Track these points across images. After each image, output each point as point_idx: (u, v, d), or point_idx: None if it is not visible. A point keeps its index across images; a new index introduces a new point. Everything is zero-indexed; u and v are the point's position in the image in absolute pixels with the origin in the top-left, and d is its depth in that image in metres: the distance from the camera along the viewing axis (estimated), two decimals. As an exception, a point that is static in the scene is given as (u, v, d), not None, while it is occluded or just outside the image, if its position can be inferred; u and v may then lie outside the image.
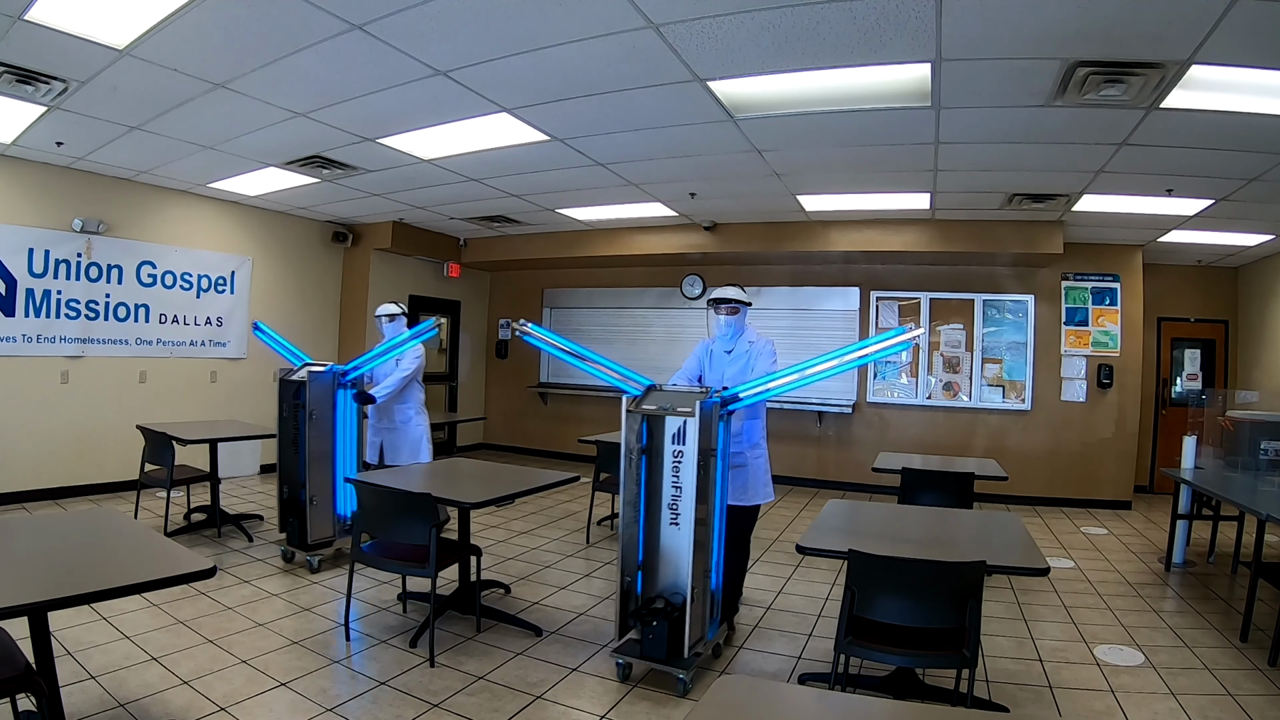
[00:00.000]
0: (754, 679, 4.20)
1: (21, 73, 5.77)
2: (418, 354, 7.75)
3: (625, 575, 4.86)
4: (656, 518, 4.82)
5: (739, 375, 5.63)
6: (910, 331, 4.45)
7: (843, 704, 2.42)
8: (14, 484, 8.46)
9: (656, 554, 4.84)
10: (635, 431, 4.83)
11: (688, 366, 6.08)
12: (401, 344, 7.18)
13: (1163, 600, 6.61)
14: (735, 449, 5.49)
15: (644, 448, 4.84)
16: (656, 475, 4.83)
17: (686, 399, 4.74)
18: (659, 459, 4.82)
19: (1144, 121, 5.88)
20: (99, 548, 3.72)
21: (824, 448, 12.17)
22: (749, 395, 5.00)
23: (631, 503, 4.84)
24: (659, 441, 4.82)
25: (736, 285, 5.91)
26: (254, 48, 5.29)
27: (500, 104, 6.24)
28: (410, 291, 13.40)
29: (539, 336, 5.65)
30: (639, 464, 4.83)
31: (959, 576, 3.63)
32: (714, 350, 6.02)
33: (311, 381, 6.92)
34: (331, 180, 9.18)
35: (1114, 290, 10.89)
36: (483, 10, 4.59)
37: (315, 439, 6.92)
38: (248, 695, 4.32)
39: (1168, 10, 4.17)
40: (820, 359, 4.77)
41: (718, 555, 4.92)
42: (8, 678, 3.02)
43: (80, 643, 4.87)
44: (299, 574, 6.64)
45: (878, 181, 8.33)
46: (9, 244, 8.45)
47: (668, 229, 11.64)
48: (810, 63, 5.16)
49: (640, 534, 4.85)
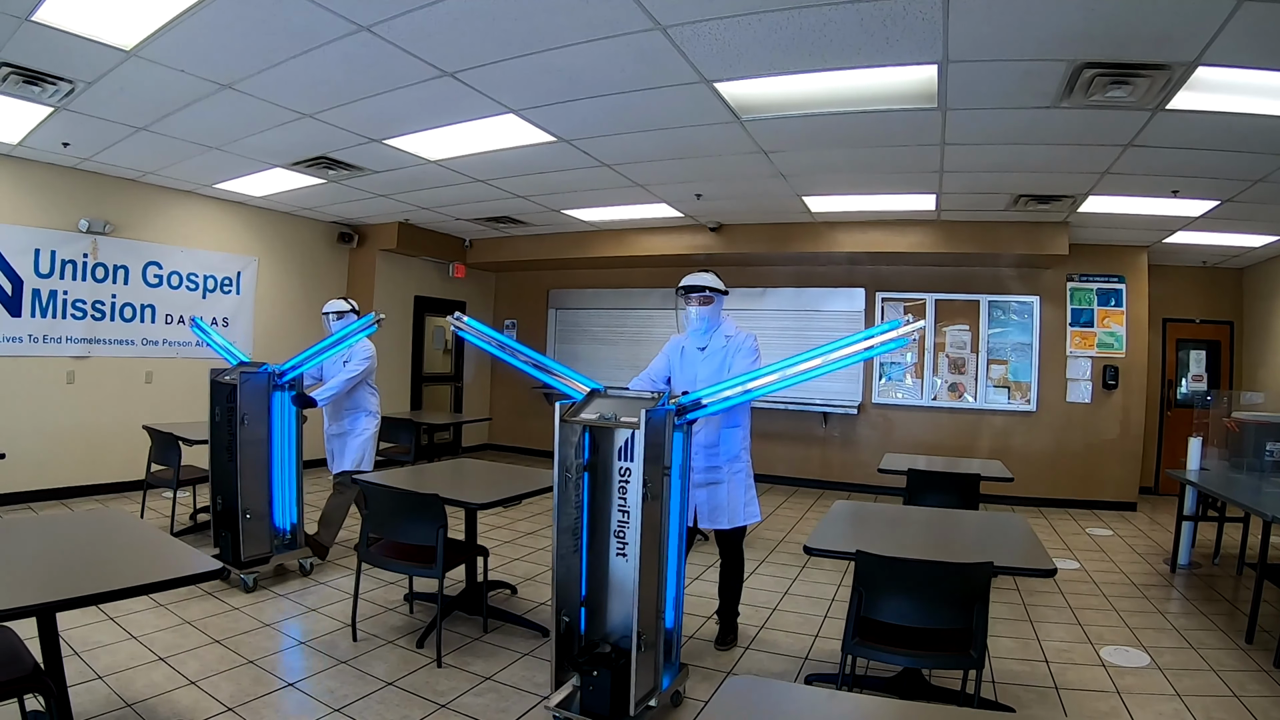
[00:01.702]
0: (764, 679, 4.19)
1: (28, 73, 5.78)
2: (367, 353, 7.10)
3: (562, 613, 4.20)
4: (603, 547, 4.25)
5: (713, 376, 4.93)
6: (908, 325, 3.76)
7: (853, 704, 2.42)
8: (20, 484, 8.48)
9: (604, 588, 4.28)
10: (574, 445, 4.21)
11: (654, 367, 5.46)
12: (336, 343, 6.61)
13: (1168, 602, 6.60)
14: (711, 462, 5.09)
15: (585, 464, 4.24)
16: (602, 497, 4.26)
17: (632, 406, 4.05)
18: (605, 478, 4.25)
19: (1150, 123, 5.88)
20: (107, 548, 3.72)
21: (829, 448, 12.17)
22: (715, 401, 4.26)
23: (569, 530, 4.21)
24: (605, 457, 4.25)
25: (711, 270, 5.33)
26: (261, 49, 5.30)
27: (507, 105, 6.25)
28: (416, 292, 13.46)
29: (473, 331, 4.97)
30: (579, 483, 4.23)
31: (966, 577, 3.63)
32: (685, 347, 5.37)
33: (244, 383, 6.34)
34: (338, 181, 9.20)
35: (1119, 291, 10.88)
36: (490, 12, 4.60)
37: (249, 446, 6.34)
38: (255, 695, 4.33)
39: (1174, 12, 4.17)
40: (805, 355, 4.07)
41: (675, 590, 4.22)
42: (16, 678, 3.02)
43: (87, 642, 4.88)
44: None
45: (883, 182, 8.33)
46: (15, 244, 8.47)
47: (673, 230, 11.65)
48: (817, 64, 5.16)
49: (583, 565, 4.27)
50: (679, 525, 4.22)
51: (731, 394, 4.23)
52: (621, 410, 4.09)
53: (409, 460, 9.54)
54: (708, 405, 4.26)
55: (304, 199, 10.47)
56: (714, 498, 5.12)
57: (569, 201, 10.10)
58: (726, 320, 5.33)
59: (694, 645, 5.39)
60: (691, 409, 4.22)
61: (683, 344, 5.39)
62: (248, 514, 6.23)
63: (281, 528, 6.55)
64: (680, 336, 5.44)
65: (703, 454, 5.06)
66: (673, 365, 5.39)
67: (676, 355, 5.40)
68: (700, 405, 4.24)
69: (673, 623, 4.24)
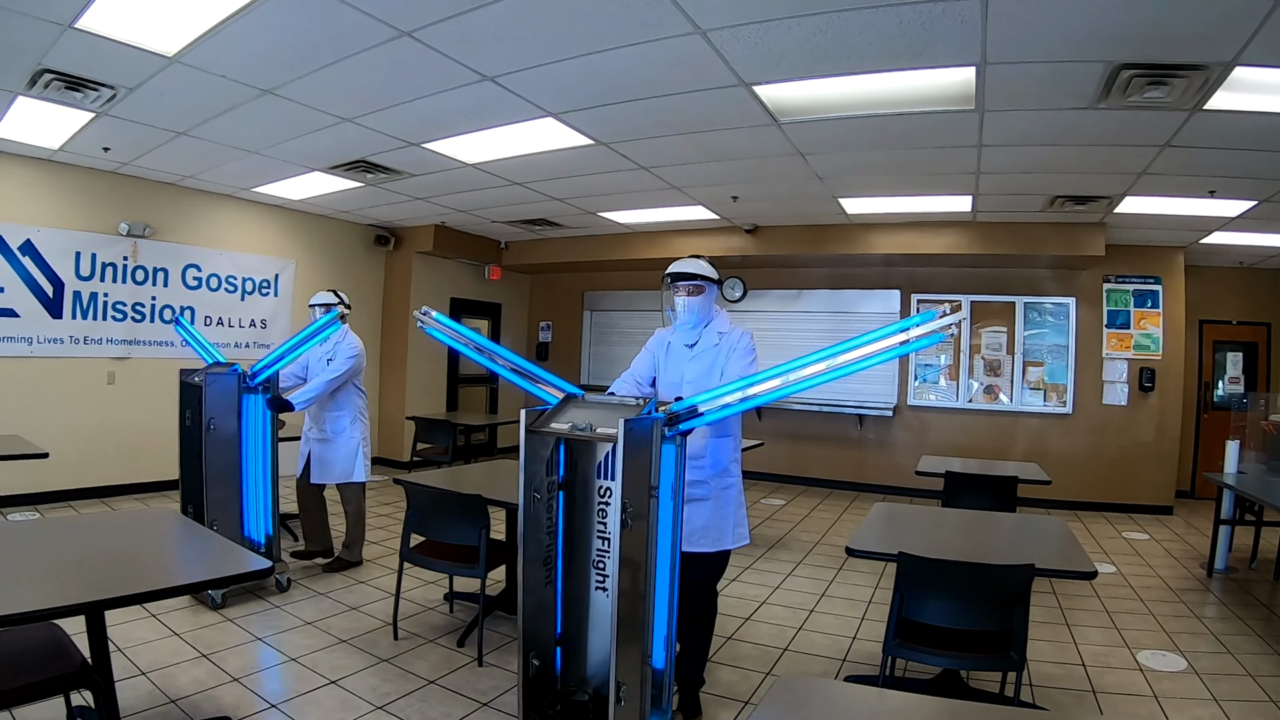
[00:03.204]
0: (815, 679, 4.21)
1: (70, 80, 5.86)
2: (352, 351, 6.67)
3: (531, 655, 3.66)
4: (582, 577, 3.79)
5: (702, 379, 4.27)
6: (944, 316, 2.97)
7: (903, 702, 2.44)
8: (61, 482, 8.59)
9: (583, 624, 3.81)
10: (546, 459, 3.70)
11: (636, 366, 4.69)
12: (304, 340, 6.10)
13: (1204, 606, 6.57)
14: (697, 476, 4.25)
15: (560, 482, 3.75)
16: (580, 520, 3.80)
17: (613, 415, 3.42)
18: (583, 498, 3.79)
19: (1187, 123, 5.85)
20: (155, 546, 3.79)
21: (864, 450, 12.15)
22: (713, 408, 3.47)
23: (539, 560, 3.67)
24: (584, 474, 3.79)
25: (700, 256, 4.51)
26: (303, 54, 5.36)
27: (546, 109, 6.28)
28: (452, 294, 13.52)
29: (441, 328, 4.22)
30: (553, 504, 3.75)
31: (1008, 579, 3.64)
32: (672, 344, 4.59)
33: (210, 385, 5.92)
34: (375, 184, 9.27)
35: (1156, 293, 10.80)
36: (531, 16, 4.64)
37: (217, 452, 5.93)
38: (298, 692, 4.38)
39: (1211, 12, 4.16)
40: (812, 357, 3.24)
41: (667, 628, 3.41)
42: (66, 674, 3.08)
43: (129, 639, 4.94)
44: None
45: (920, 184, 8.32)
46: (56, 247, 8.61)
47: (708, 232, 11.63)
48: (855, 67, 5.17)
49: (558, 598, 3.78)
50: (671, 553, 3.39)
51: (732, 400, 3.44)
52: (600, 419, 3.45)
53: (446, 461, 9.62)
54: (705, 414, 3.47)
55: (341, 202, 10.55)
56: (698, 516, 4.26)
57: (605, 204, 10.12)
58: (720, 315, 4.57)
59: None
60: (686, 417, 3.45)
61: (669, 340, 4.64)
62: (215, 524, 5.76)
63: (254, 539, 6.09)
64: (666, 331, 4.69)
65: (687, 466, 4.08)
66: (657, 364, 4.65)
67: (661, 352, 4.65)
68: (696, 413, 3.45)
69: (663, 663, 3.40)
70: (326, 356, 6.71)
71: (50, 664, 3.11)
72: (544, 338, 15.14)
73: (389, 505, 9.46)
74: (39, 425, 7.94)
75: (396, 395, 12.65)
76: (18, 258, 8.31)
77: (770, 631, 5.69)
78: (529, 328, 15.47)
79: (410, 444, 10.73)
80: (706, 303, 4.45)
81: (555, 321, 15.07)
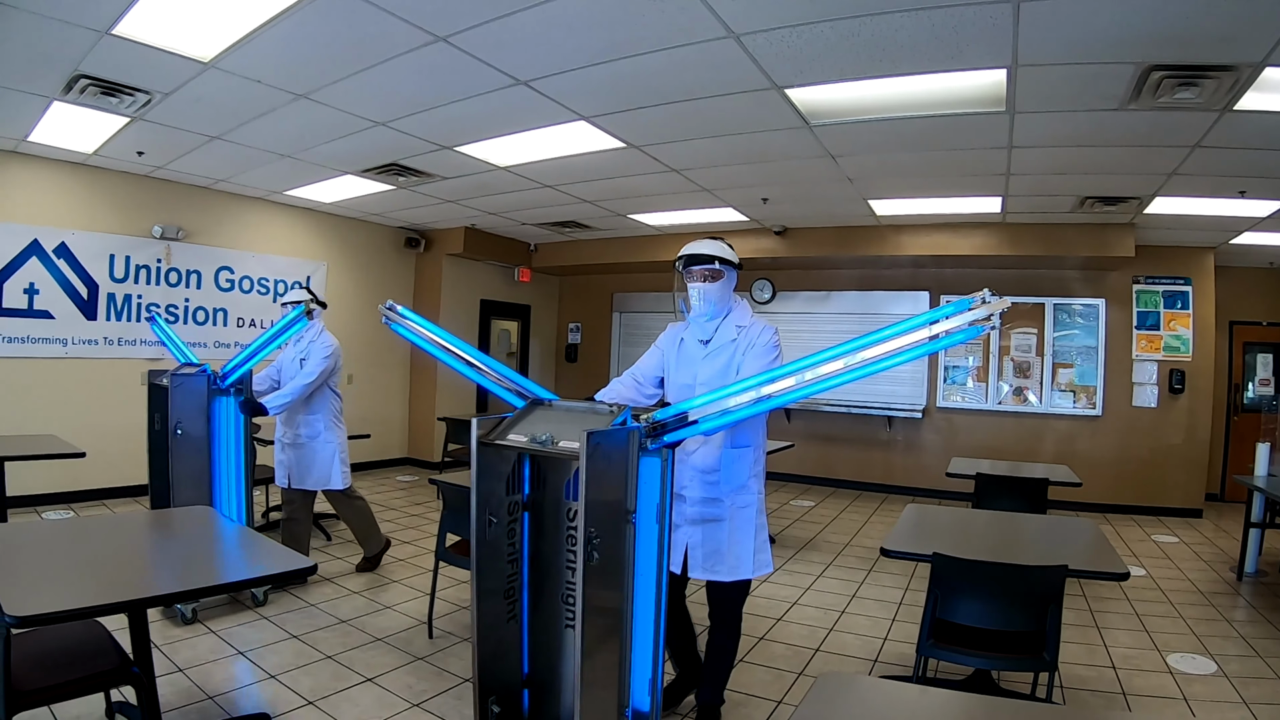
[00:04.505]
0: (858, 676, 4.22)
1: (106, 85, 5.94)
2: (327, 351, 6.34)
3: (489, 700, 3.20)
4: (553, 612, 3.32)
5: (718, 380, 3.66)
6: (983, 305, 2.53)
7: (942, 699, 2.46)
8: (94, 481, 8.71)
9: (555, 663, 3.36)
10: (504, 476, 3.21)
11: (641, 365, 4.15)
12: (270, 340, 5.84)
13: (1234, 609, 6.54)
14: (710, 493, 3.79)
15: (524, 502, 3.28)
16: (549, 547, 3.32)
17: (582, 424, 2.90)
18: (553, 521, 3.32)
19: (1217, 124, 5.83)
20: (193, 543, 3.82)
21: (892, 452, 12.14)
22: (710, 414, 2.95)
23: (498, 592, 3.20)
24: (553, 493, 3.31)
25: (719, 237, 4.05)
26: (338, 60, 5.42)
27: (579, 112, 6.32)
28: (482, 296, 13.60)
29: (406, 323, 3.78)
30: (516, 528, 3.27)
31: (1041, 580, 3.65)
32: (685, 340, 4.05)
33: (176, 387, 5.51)
34: (407, 187, 9.34)
35: (1185, 294, 10.72)
36: (566, 21, 4.67)
37: (184, 457, 5.52)
38: (334, 690, 4.43)
39: (1241, 13, 4.17)
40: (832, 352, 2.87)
41: (653, 670, 2.96)
42: (109, 669, 3.14)
43: (165, 636, 5.00)
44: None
45: (950, 185, 8.32)
46: (91, 250, 8.73)
47: (738, 233, 11.50)
48: (887, 70, 5.19)
49: (524, 636, 3.33)
50: (656, 586, 2.92)
51: (735, 404, 2.92)
52: (566, 430, 2.93)
53: (476, 460, 9.65)
54: (699, 421, 2.94)
55: (372, 204, 10.63)
56: (712, 539, 3.80)
57: (636, 206, 10.14)
58: (740, 305, 4.03)
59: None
60: (675, 426, 2.93)
61: (681, 335, 4.09)
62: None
63: (228, 550, 5.84)
64: (679, 325, 4.15)
65: (698, 481, 3.81)
66: (667, 363, 4.09)
67: (672, 350, 4.08)
68: (686, 421, 2.94)
69: (649, 706, 2.98)
70: (300, 357, 6.43)
71: (94, 660, 3.18)
72: (573, 339, 15.19)
73: (420, 505, 9.54)
74: (74, 425, 8.06)
75: (427, 396, 12.70)
76: (53, 260, 8.44)
77: (802, 632, 5.71)
78: (558, 329, 15.52)
79: (441, 444, 10.79)
80: (724, 290, 3.93)
81: (585, 323, 15.11)
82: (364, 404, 11.68)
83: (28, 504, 8.08)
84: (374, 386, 12.09)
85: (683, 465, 3.75)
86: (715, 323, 3.93)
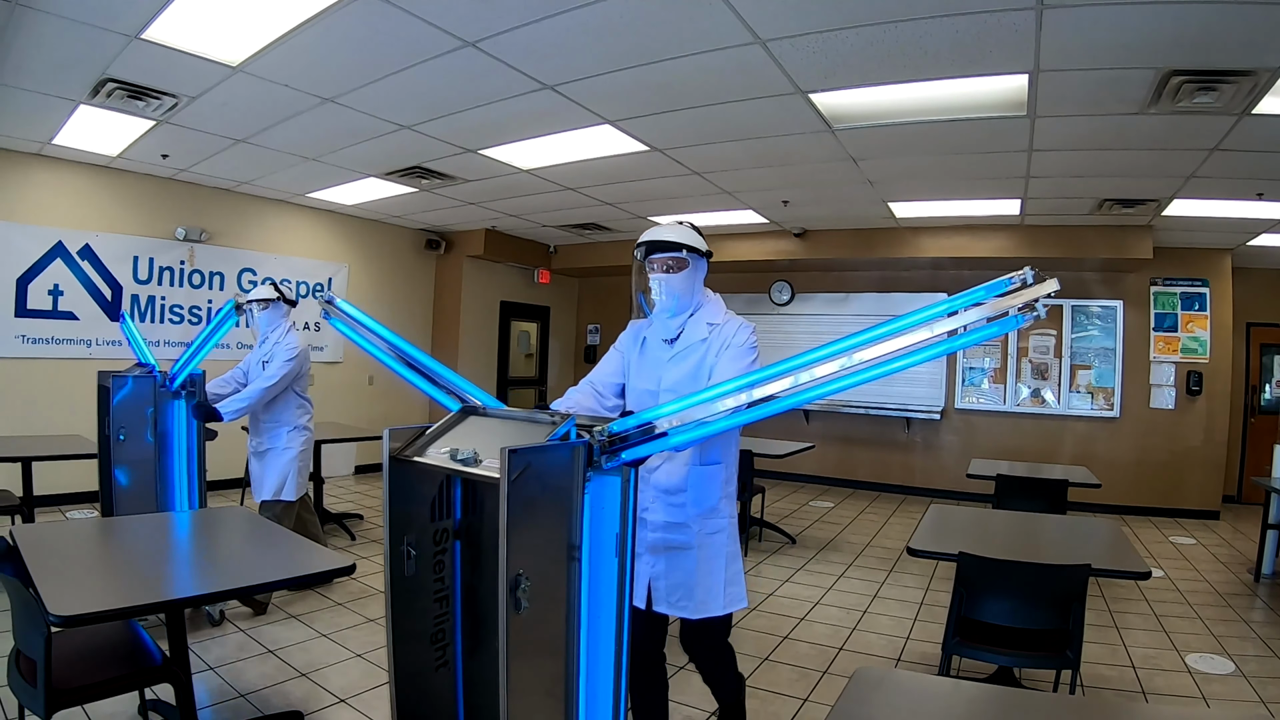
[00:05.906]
0: (894, 670, 4.25)
1: (133, 89, 5.99)
2: (291, 353, 5.79)
3: None
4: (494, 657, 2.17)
5: (686, 385, 3.18)
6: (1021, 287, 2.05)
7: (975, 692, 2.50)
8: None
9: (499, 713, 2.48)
10: (429, 498, 2.64)
11: (600, 371, 3.62)
12: (209, 336, 5.30)
13: (1252, 610, 6.56)
14: (674, 517, 3.21)
15: (455, 530, 2.70)
16: (487, 583, 2.65)
17: (510, 437, 2.40)
18: (491, 552, 2.59)
19: (1235, 127, 5.87)
20: (223, 543, 3.88)
21: (910, 454, 12.17)
22: (680, 425, 2.31)
23: (423, 635, 2.62)
24: (490, 518, 2.64)
25: (687, 223, 3.40)
26: (366, 64, 5.47)
27: (604, 116, 6.36)
28: (501, 298, 13.68)
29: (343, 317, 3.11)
30: (445, 559, 2.68)
31: (1065, 579, 3.70)
32: (647, 340, 3.48)
33: (117, 389, 5.02)
34: (429, 190, 9.41)
35: (1203, 295, 10.72)
36: (593, 27, 4.72)
37: (130, 466, 5.08)
38: (366, 688, 4.47)
39: (1260, 20, 4.21)
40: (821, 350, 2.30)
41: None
42: (148, 668, 3.21)
43: (195, 635, 5.04)
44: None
45: (969, 188, 8.35)
46: (114, 252, 8.84)
47: (757, 235, 11.65)
48: (910, 75, 5.24)
49: (459, 684, 2.74)
50: (617, 635, 2.32)
51: (717, 412, 2.30)
52: (494, 443, 2.22)
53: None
54: (669, 434, 2.30)
55: (394, 207, 10.70)
56: (677, 570, 3.21)
57: (657, 208, 10.16)
58: (712, 300, 3.47)
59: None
60: (638, 440, 2.27)
61: (643, 333, 3.52)
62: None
63: (181, 566, 5.37)
64: (641, 322, 3.56)
65: (661, 503, 3.24)
66: (627, 366, 3.53)
67: (633, 351, 3.52)
68: (653, 434, 2.29)
69: None
70: (263, 359, 5.92)
71: (132, 659, 3.24)
72: (592, 340, 15.25)
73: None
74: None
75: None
76: (77, 262, 8.54)
77: (825, 631, 5.76)
78: (577, 331, 15.60)
79: (462, 445, 10.77)
80: (691, 282, 3.33)
81: (604, 324, 15.17)
82: (385, 404, 11.81)
83: (53, 503, 8.13)
84: (395, 386, 12.11)
85: (643, 485, 3.19)
86: (681, 319, 3.35)
